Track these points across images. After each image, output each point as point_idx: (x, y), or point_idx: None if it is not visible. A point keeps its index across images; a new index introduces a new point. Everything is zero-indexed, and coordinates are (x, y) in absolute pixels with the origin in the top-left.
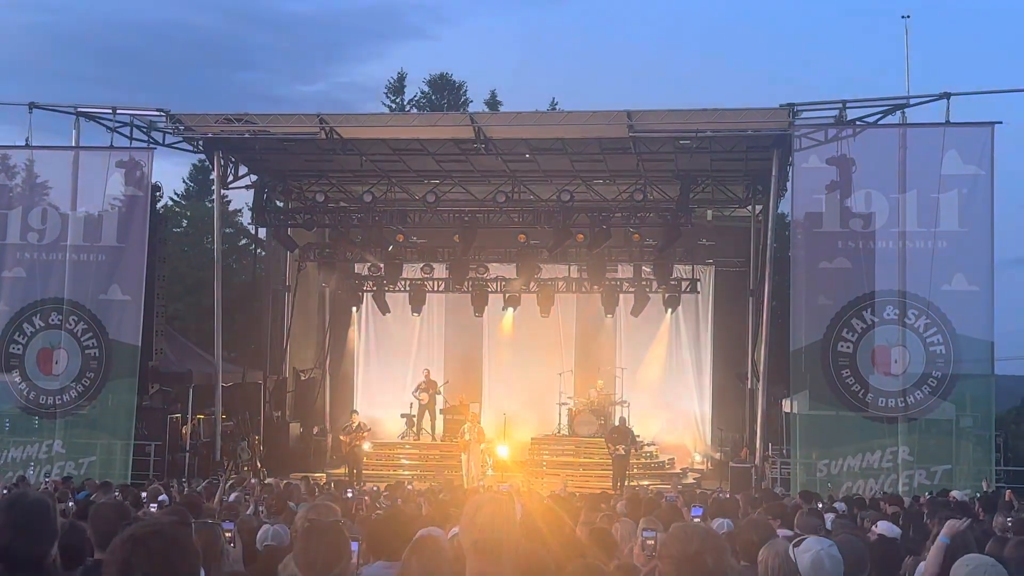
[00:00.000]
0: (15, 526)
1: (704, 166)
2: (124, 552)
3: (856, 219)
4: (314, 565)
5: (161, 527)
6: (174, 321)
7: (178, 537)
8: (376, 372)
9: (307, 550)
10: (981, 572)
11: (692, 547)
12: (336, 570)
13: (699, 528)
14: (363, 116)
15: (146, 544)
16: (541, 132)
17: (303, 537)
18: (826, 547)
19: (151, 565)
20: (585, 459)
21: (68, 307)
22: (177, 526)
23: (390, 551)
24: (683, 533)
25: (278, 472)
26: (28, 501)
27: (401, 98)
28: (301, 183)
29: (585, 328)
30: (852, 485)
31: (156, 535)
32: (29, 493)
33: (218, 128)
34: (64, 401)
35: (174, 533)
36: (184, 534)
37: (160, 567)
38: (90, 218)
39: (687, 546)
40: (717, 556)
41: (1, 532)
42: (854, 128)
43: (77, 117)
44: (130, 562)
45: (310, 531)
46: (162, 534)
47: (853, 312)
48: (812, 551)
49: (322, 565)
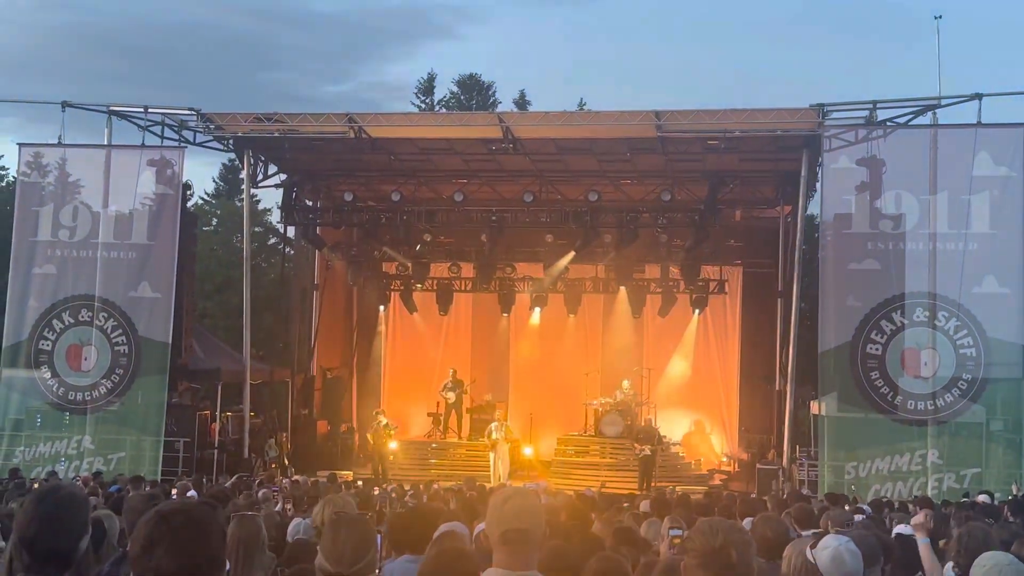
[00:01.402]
0: (43, 519)
1: (733, 166)
2: (147, 528)
3: (886, 220)
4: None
5: (185, 506)
6: (203, 319)
7: (202, 516)
8: (403, 371)
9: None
10: (997, 571)
11: (717, 541)
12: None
13: (724, 522)
14: (392, 116)
15: (168, 521)
16: (569, 132)
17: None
18: (844, 543)
19: (172, 541)
20: (611, 460)
21: (98, 304)
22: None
23: (415, 546)
24: (708, 527)
25: (305, 470)
26: (60, 495)
27: (431, 98)
28: (330, 182)
29: (612, 328)
30: (880, 488)
31: (179, 513)
32: (63, 486)
33: (248, 127)
34: (94, 397)
35: (199, 512)
36: (208, 514)
37: (182, 544)
38: (121, 216)
39: (712, 540)
40: (742, 550)
41: (28, 524)
42: (884, 129)
43: (109, 116)
44: (152, 537)
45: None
46: (185, 512)
47: (883, 314)
48: (831, 548)
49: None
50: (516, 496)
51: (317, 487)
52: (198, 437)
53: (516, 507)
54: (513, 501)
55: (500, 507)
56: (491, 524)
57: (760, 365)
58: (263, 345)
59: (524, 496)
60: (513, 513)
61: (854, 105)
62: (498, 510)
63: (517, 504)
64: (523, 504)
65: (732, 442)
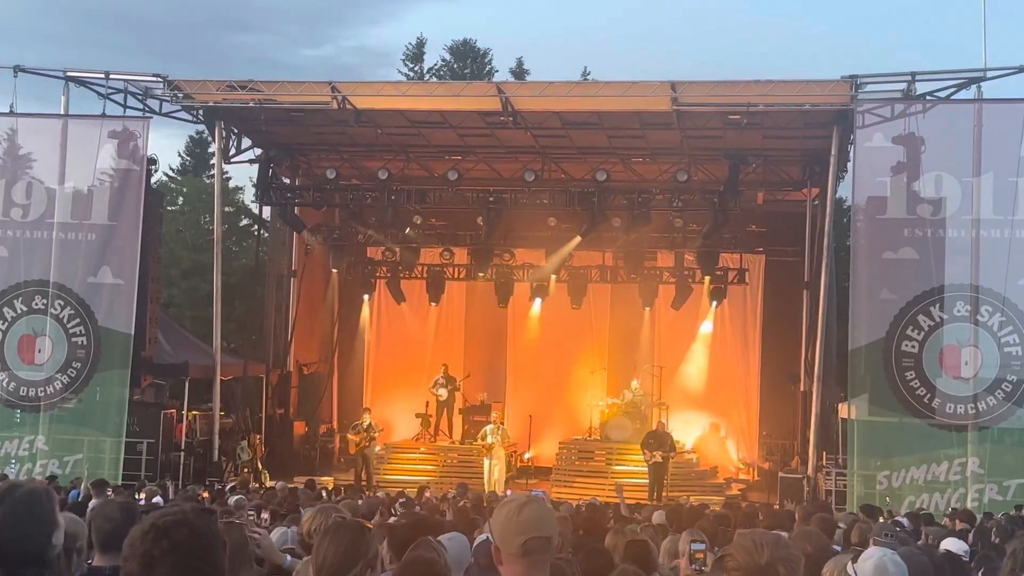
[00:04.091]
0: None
1: (755, 144)
2: (144, 544)
3: (924, 205)
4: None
5: (184, 516)
6: (169, 308)
7: (204, 528)
8: (389, 367)
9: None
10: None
11: (762, 558)
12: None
13: (769, 535)
14: (379, 84)
15: (169, 535)
16: (575, 104)
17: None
18: (888, 554)
19: (177, 559)
20: (618, 467)
21: (54, 290)
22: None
23: None
24: (751, 542)
25: (281, 475)
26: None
27: (420, 66)
28: (310, 158)
29: (620, 322)
30: (915, 500)
31: (181, 526)
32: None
33: (220, 96)
34: (48, 393)
35: (201, 524)
36: (209, 525)
37: (186, 561)
38: (79, 193)
39: (756, 556)
40: (791, 568)
41: None
42: (924, 103)
43: (66, 82)
44: (152, 555)
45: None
46: (186, 524)
47: (920, 308)
48: (874, 558)
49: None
50: (532, 502)
51: (296, 495)
52: (163, 438)
53: (535, 514)
54: (530, 507)
55: (516, 515)
56: (507, 535)
57: (784, 364)
58: (235, 337)
59: (539, 502)
60: (533, 520)
61: (890, 77)
62: (514, 519)
63: (536, 511)
64: (542, 510)
65: (751, 448)
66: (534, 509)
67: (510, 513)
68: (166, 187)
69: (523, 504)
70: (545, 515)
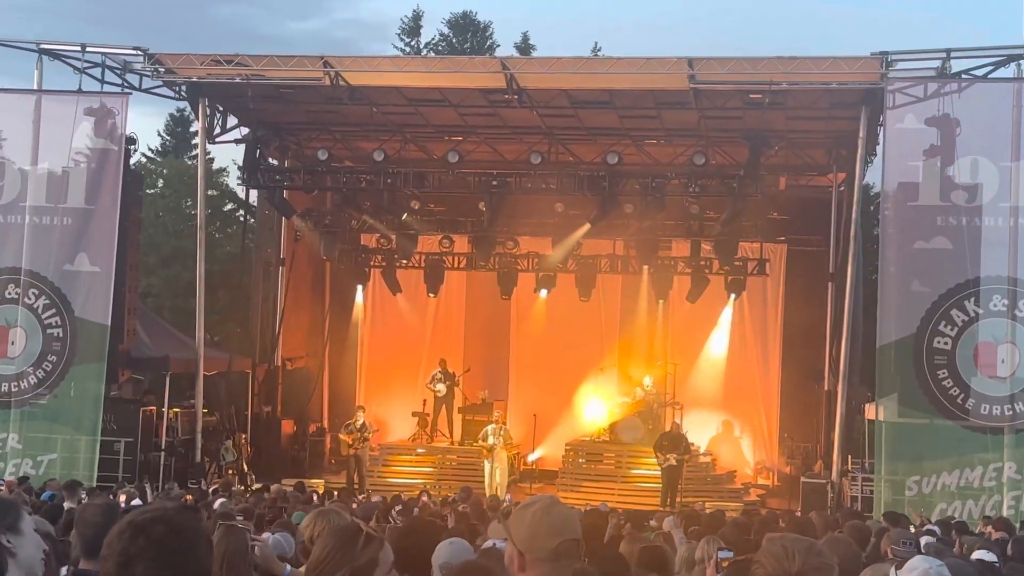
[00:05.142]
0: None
1: (778, 125)
2: (121, 542)
3: (959, 191)
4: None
5: (163, 512)
6: (148, 298)
7: (186, 525)
8: (384, 362)
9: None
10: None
11: (793, 566)
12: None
13: (801, 543)
14: (375, 59)
15: (147, 532)
16: (585, 81)
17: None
18: (935, 566)
19: (153, 556)
20: (628, 470)
21: (27, 278)
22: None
23: (416, 568)
24: (781, 548)
25: (267, 477)
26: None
27: (417, 40)
28: (300, 138)
29: (632, 315)
30: (947, 507)
31: (158, 522)
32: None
33: (204, 71)
34: (21, 388)
35: (179, 519)
36: (192, 521)
37: (164, 558)
38: (53, 175)
39: (787, 564)
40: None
41: None
42: (959, 82)
43: (40, 55)
44: (128, 553)
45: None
46: (164, 520)
47: (953, 302)
48: (919, 569)
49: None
50: (557, 502)
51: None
52: (142, 437)
53: (565, 514)
54: (559, 508)
55: (546, 516)
56: (538, 538)
57: (807, 361)
58: (219, 330)
59: (561, 504)
60: (562, 522)
61: (924, 54)
62: (544, 520)
63: (565, 511)
64: (569, 511)
65: (771, 451)
66: (563, 510)
67: (538, 515)
68: (146, 169)
69: (550, 505)
70: (573, 516)
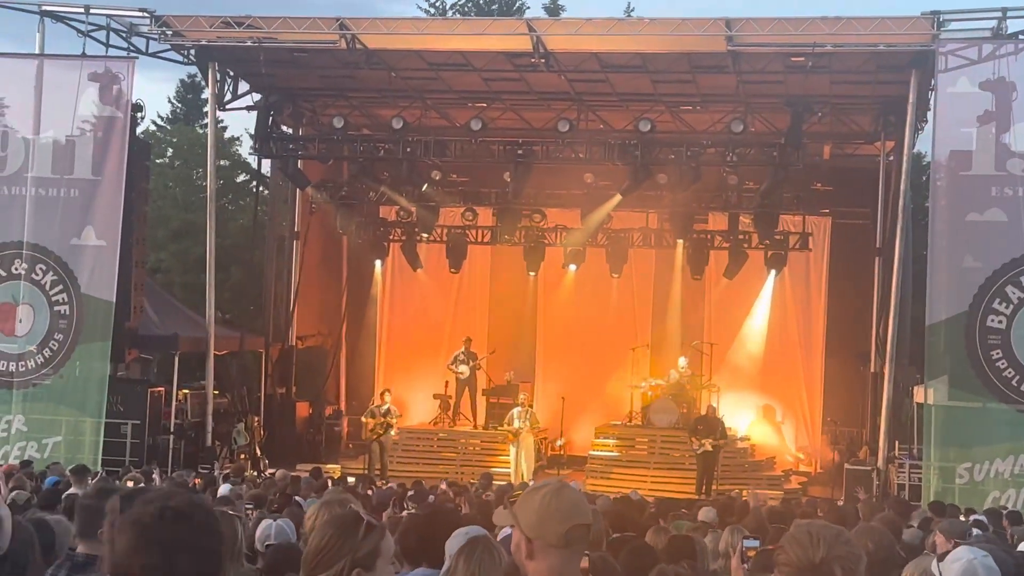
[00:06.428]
0: None
1: (822, 90)
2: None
3: (1016, 160)
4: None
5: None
6: (156, 274)
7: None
8: (403, 342)
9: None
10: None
11: (817, 554)
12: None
13: (828, 529)
14: (393, 22)
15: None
16: (616, 44)
17: None
18: (980, 556)
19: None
20: (661, 456)
21: (33, 252)
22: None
23: (431, 556)
24: (806, 535)
25: (281, 462)
26: None
27: (441, 1)
28: (315, 104)
29: (666, 292)
30: (1000, 496)
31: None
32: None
33: (215, 34)
34: (26, 368)
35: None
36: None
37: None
38: (58, 145)
39: (811, 552)
40: (849, 569)
41: None
42: (1016, 44)
43: (41, 17)
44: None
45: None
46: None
47: (1008, 278)
48: (963, 559)
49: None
50: (566, 486)
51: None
52: (150, 419)
53: (575, 499)
54: (568, 492)
55: (554, 501)
56: (546, 523)
57: (852, 341)
58: (230, 307)
59: (570, 487)
60: (575, 506)
61: (978, 13)
62: (553, 505)
63: (574, 495)
64: (576, 496)
65: (813, 436)
66: (572, 494)
67: (546, 499)
68: (154, 137)
69: (558, 489)
70: (583, 500)
